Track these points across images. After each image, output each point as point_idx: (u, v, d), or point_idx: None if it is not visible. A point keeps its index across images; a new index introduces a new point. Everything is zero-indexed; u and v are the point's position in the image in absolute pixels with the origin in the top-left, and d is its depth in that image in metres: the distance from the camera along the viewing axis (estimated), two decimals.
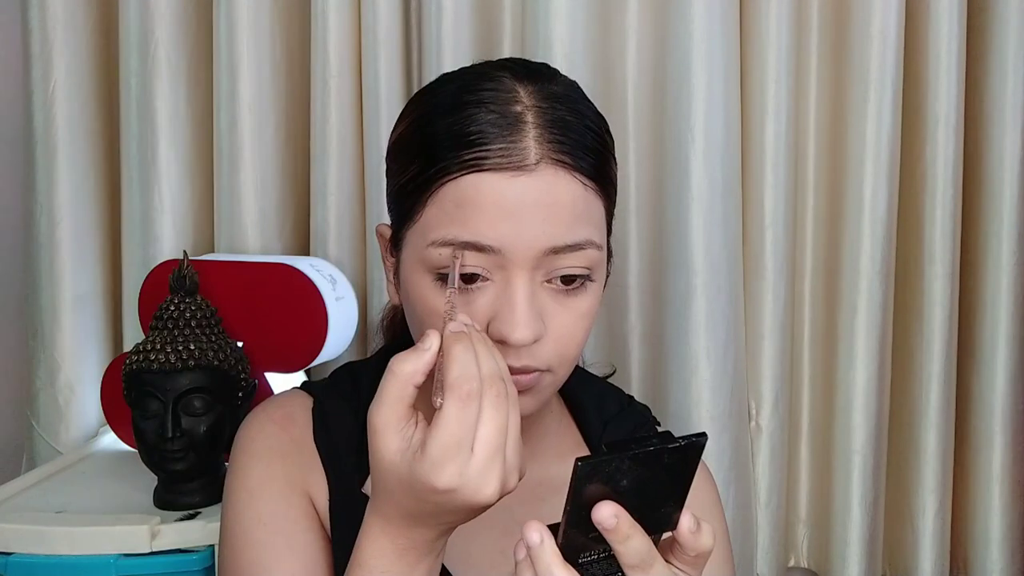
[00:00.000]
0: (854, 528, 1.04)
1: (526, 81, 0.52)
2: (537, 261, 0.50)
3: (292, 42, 1.08)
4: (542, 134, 0.50)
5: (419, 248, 0.52)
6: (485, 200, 0.49)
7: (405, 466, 0.45)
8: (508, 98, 0.51)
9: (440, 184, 0.50)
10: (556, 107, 0.52)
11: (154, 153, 1.06)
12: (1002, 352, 1.04)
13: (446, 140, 0.51)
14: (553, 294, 0.52)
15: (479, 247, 0.49)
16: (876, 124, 1.00)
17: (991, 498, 1.06)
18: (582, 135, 0.52)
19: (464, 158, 0.50)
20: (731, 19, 0.98)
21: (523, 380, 0.52)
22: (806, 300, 1.09)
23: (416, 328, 0.55)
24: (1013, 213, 1.02)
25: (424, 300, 0.52)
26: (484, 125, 0.50)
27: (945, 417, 1.05)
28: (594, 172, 0.52)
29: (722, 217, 0.99)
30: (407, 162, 0.54)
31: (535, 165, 0.49)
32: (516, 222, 0.49)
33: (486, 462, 0.43)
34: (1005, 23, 1.00)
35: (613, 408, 0.68)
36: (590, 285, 0.54)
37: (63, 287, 1.08)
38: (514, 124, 0.50)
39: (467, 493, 0.43)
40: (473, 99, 0.51)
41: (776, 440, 1.05)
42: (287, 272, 0.94)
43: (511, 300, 0.50)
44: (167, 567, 0.81)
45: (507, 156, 0.49)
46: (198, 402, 0.84)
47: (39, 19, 1.06)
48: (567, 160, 0.50)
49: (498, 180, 0.49)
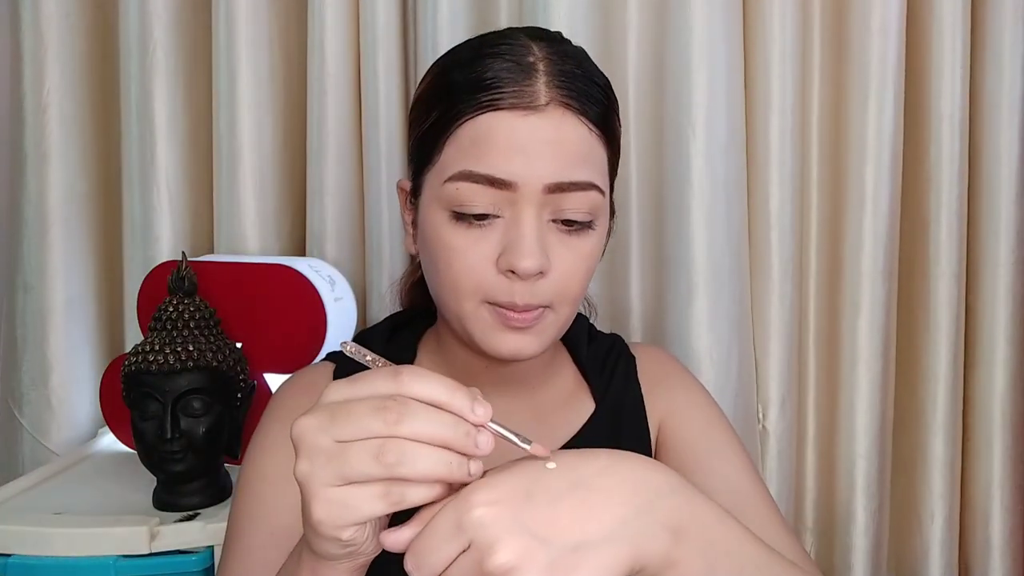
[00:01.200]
0: (859, 535, 1.03)
1: (540, 41, 0.58)
2: (544, 198, 0.54)
3: (290, 42, 1.08)
4: (551, 80, 0.55)
5: (436, 187, 0.56)
6: (498, 136, 0.54)
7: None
8: (523, 51, 0.56)
9: (458, 125, 0.55)
10: (566, 60, 0.57)
11: (153, 154, 1.06)
12: (1001, 353, 1.03)
13: (464, 86, 0.55)
14: (557, 233, 0.56)
15: (492, 180, 0.54)
16: (878, 122, 0.99)
17: (992, 503, 1.04)
18: (589, 87, 0.56)
19: (480, 99, 0.54)
20: (733, 15, 0.97)
21: (526, 317, 0.55)
22: (810, 300, 1.08)
23: (431, 268, 0.59)
24: (1011, 211, 1.01)
25: (439, 237, 0.56)
26: (499, 71, 0.55)
27: (952, 420, 1.03)
28: (599, 120, 0.57)
29: (725, 214, 0.98)
30: (427, 111, 0.58)
31: (544, 106, 0.54)
32: (526, 157, 0.53)
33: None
34: (1001, 18, 0.99)
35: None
36: (593, 227, 0.58)
37: (55, 289, 1.08)
38: (527, 70, 0.55)
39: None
40: (490, 51, 0.56)
41: (784, 443, 1.03)
42: (286, 273, 0.94)
43: (520, 231, 0.54)
44: (166, 568, 0.81)
45: (519, 97, 0.54)
46: (197, 403, 0.84)
47: (32, 19, 1.06)
48: (574, 104, 0.55)
49: (511, 118, 0.54)
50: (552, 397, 0.67)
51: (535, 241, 0.54)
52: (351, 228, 1.06)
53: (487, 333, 0.57)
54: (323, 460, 0.39)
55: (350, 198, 1.06)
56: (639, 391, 0.69)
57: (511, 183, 0.53)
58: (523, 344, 0.57)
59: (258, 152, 1.05)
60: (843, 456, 1.04)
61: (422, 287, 0.71)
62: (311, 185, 1.06)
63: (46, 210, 1.08)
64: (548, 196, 0.54)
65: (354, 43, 1.03)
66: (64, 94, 1.08)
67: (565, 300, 0.57)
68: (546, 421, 0.65)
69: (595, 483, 0.41)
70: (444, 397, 0.40)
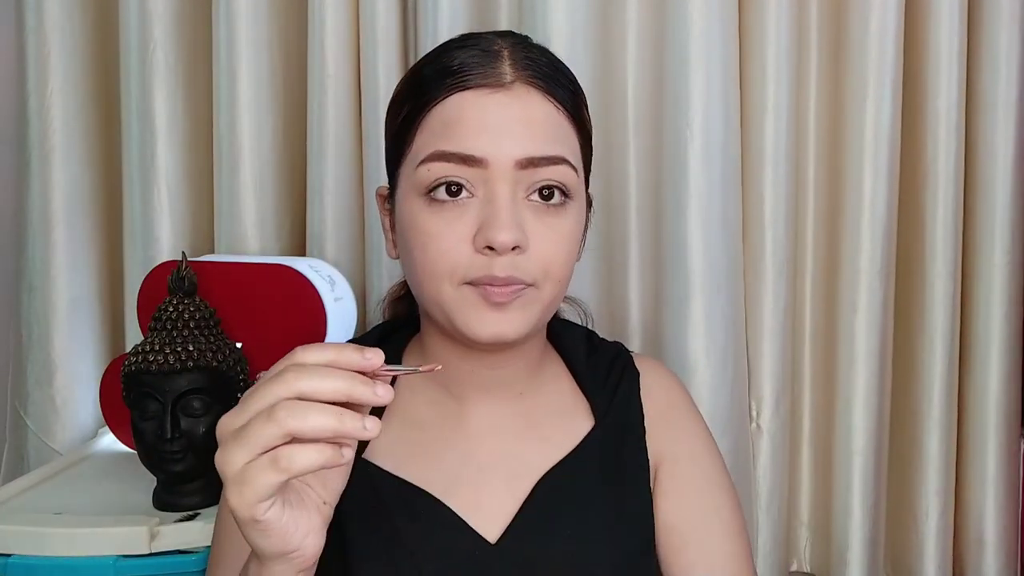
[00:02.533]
0: (855, 531, 1.03)
1: (505, 37, 0.59)
2: (517, 174, 0.55)
3: (290, 42, 1.08)
4: (516, 63, 0.56)
5: (410, 175, 0.57)
6: (467, 115, 0.55)
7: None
8: (487, 42, 0.58)
9: (428, 110, 0.56)
10: (530, 50, 0.58)
11: (153, 154, 1.06)
12: (995, 352, 1.03)
13: (433, 75, 0.57)
14: (534, 211, 0.56)
15: (463, 157, 0.54)
16: (875, 122, 0.99)
17: (986, 501, 1.05)
18: (555, 73, 0.58)
19: (448, 83, 0.56)
20: (730, 17, 0.98)
21: (506, 291, 0.55)
22: (806, 300, 1.09)
23: (408, 260, 0.58)
24: (1006, 211, 1.02)
25: (415, 224, 0.56)
26: (466, 58, 0.56)
27: (948, 418, 1.04)
28: (567, 101, 0.58)
29: (721, 216, 0.98)
30: (399, 108, 0.60)
31: (511, 83, 0.55)
32: (496, 133, 0.54)
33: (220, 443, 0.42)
34: (998, 19, 1.00)
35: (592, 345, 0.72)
36: (570, 205, 0.57)
37: (59, 289, 1.08)
38: (492, 56, 0.56)
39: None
40: (457, 45, 0.58)
41: (778, 442, 1.04)
42: (286, 273, 0.94)
43: (494, 206, 0.54)
44: (166, 568, 0.81)
45: (486, 77, 0.55)
46: (197, 403, 0.84)
47: (36, 21, 1.06)
48: (539, 83, 0.56)
49: (478, 96, 0.55)
50: (544, 405, 0.65)
51: (510, 215, 0.54)
52: (351, 228, 1.06)
53: (468, 315, 0.55)
54: (231, 443, 0.41)
55: (350, 198, 1.06)
56: (640, 412, 0.67)
57: (482, 159, 0.54)
58: (504, 324, 0.55)
59: (258, 152, 1.05)
60: (840, 453, 1.05)
61: (406, 301, 0.72)
62: (311, 185, 1.06)
63: (50, 211, 1.08)
64: (520, 172, 0.55)
65: (354, 43, 1.03)
66: (67, 95, 1.08)
67: (548, 278, 0.56)
68: (538, 429, 0.63)
69: None
70: (332, 354, 0.42)
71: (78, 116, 1.09)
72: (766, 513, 1.04)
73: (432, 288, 0.56)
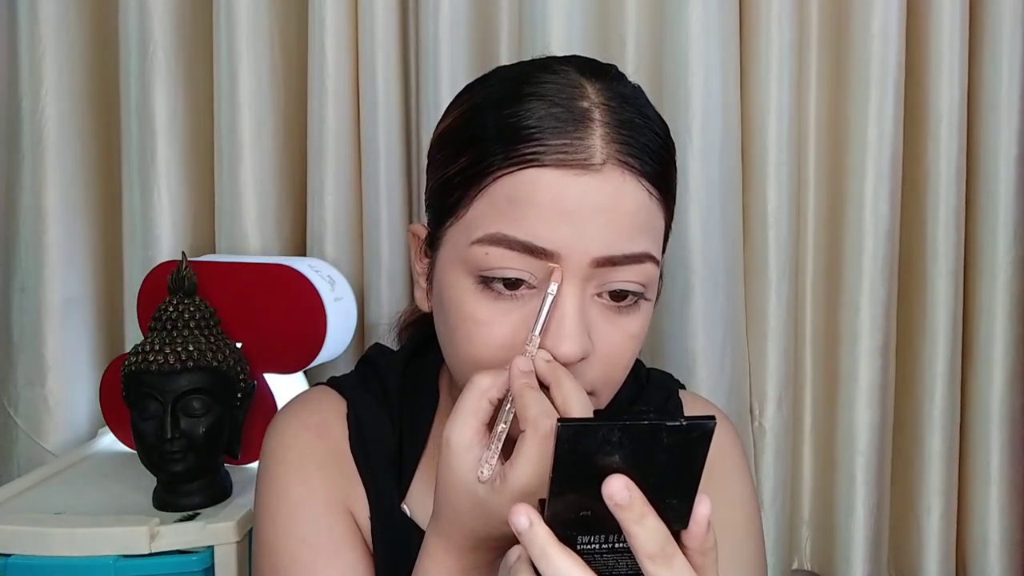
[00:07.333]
0: (858, 530, 1.03)
1: (593, 78, 0.49)
2: (591, 271, 0.47)
3: (290, 43, 1.08)
4: (609, 133, 0.47)
5: (461, 247, 0.48)
6: (543, 198, 0.45)
7: (483, 492, 0.44)
8: (573, 92, 0.48)
9: (493, 178, 0.47)
10: (625, 108, 0.48)
11: (153, 155, 1.06)
12: (998, 350, 1.03)
13: (501, 132, 0.47)
14: (603, 310, 0.48)
15: (531, 248, 0.46)
16: (878, 122, 0.99)
17: (989, 500, 1.05)
18: (650, 140, 0.49)
19: (523, 152, 0.46)
20: (730, 18, 0.98)
21: None
22: (808, 299, 1.08)
23: (448, 338, 0.51)
24: (1008, 210, 1.01)
25: (461, 306, 0.48)
26: (547, 119, 0.46)
27: (950, 418, 1.04)
28: (660, 180, 0.49)
29: (720, 216, 0.98)
30: (455, 154, 0.50)
31: (601, 165, 0.46)
32: (575, 225, 0.45)
33: None
34: (1000, 18, 1.00)
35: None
36: (643, 304, 0.50)
37: (52, 289, 1.08)
38: (580, 120, 0.46)
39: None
40: (534, 91, 0.48)
41: (780, 441, 1.04)
42: (286, 273, 0.94)
43: (560, 311, 0.46)
44: (166, 568, 0.81)
45: (571, 153, 0.46)
46: (197, 403, 0.84)
47: (28, 20, 1.05)
48: (634, 164, 0.47)
49: (559, 177, 0.45)
50: None
51: (577, 323, 0.46)
52: (351, 228, 1.06)
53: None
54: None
55: (350, 198, 1.05)
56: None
57: (553, 253, 0.46)
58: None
59: (258, 152, 1.05)
60: (843, 452, 1.05)
61: (421, 324, 0.65)
62: (311, 185, 1.06)
63: (43, 212, 1.07)
64: (595, 270, 0.47)
65: (354, 43, 1.03)
66: (62, 95, 1.07)
67: (608, 385, 0.50)
68: None
69: None
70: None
71: (73, 115, 1.09)
72: (768, 512, 1.04)
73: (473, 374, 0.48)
